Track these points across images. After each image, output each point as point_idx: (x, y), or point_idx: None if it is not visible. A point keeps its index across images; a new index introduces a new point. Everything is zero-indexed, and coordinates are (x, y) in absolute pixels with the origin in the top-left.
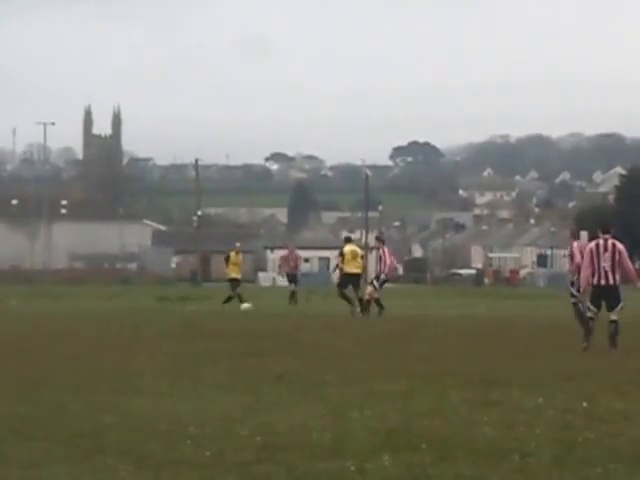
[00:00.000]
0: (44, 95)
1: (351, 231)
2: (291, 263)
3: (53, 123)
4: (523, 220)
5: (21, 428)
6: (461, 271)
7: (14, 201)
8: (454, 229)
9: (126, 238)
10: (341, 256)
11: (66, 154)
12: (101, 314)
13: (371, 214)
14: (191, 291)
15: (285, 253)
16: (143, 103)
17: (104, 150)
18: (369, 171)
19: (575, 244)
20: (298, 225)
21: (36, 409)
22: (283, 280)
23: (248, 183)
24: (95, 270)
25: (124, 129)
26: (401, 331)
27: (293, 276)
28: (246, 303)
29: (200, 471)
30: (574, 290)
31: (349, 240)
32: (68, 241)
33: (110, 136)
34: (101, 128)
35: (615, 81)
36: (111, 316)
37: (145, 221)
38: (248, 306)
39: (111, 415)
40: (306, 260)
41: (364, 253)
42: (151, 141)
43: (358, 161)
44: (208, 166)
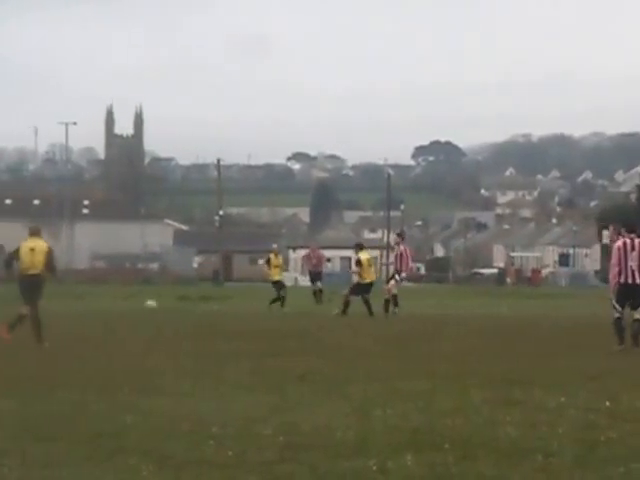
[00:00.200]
0: (66, 95)
1: (373, 230)
2: (313, 261)
3: (75, 123)
4: (545, 219)
5: (43, 428)
6: (483, 270)
7: (36, 201)
8: (476, 228)
9: (148, 238)
10: (359, 265)
11: (88, 154)
12: (122, 314)
13: (393, 213)
14: (213, 291)
15: (307, 252)
16: (165, 103)
17: (126, 150)
18: (391, 170)
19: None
20: (320, 224)
21: (58, 409)
22: (305, 279)
23: (270, 183)
24: (117, 270)
25: (146, 129)
26: (423, 331)
27: (316, 275)
28: (151, 301)
29: (222, 471)
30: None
31: (362, 247)
32: (90, 241)
33: (132, 136)
34: (123, 128)
35: (638, 80)
36: (131, 316)
37: (167, 221)
38: (153, 304)
39: (133, 415)
40: (328, 260)
41: (386, 253)
42: (173, 141)
43: (380, 160)
44: (230, 166)
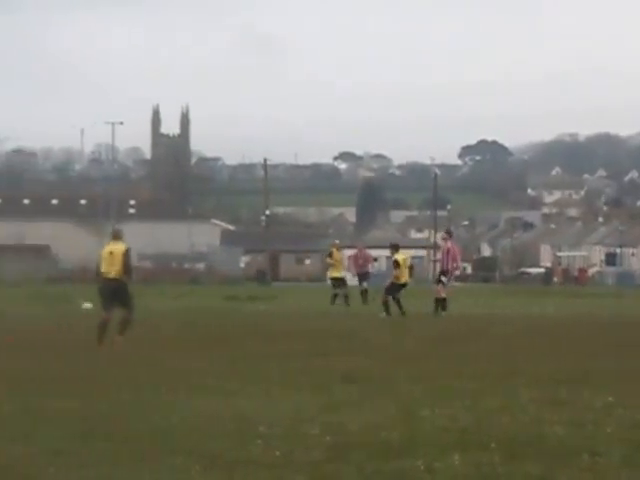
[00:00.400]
0: (113, 95)
1: (419, 230)
2: (360, 262)
3: (121, 123)
4: (592, 218)
5: (92, 428)
6: (530, 270)
7: (82, 201)
8: (523, 228)
9: (195, 238)
10: (397, 266)
11: (134, 154)
12: (170, 314)
13: (440, 213)
14: (259, 291)
15: (354, 252)
16: (211, 103)
17: (172, 150)
18: (438, 170)
19: None
20: (366, 224)
21: (106, 409)
22: (352, 279)
23: (316, 182)
24: (163, 270)
25: (192, 129)
26: (470, 330)
27: (363, 275)
28: (88, 303)
29: (270, 471)
30: None
31: (398, 248)
32: (136, 241)
33: (178, 136)
34: (169, 128)
35: None
36: (180, 316)
37: (214, 221)
38: (89, 305)
39: (181, 415)
40: (374, 259)
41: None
42: (220, 141)
43: (426, 160)
44: (276, 165)
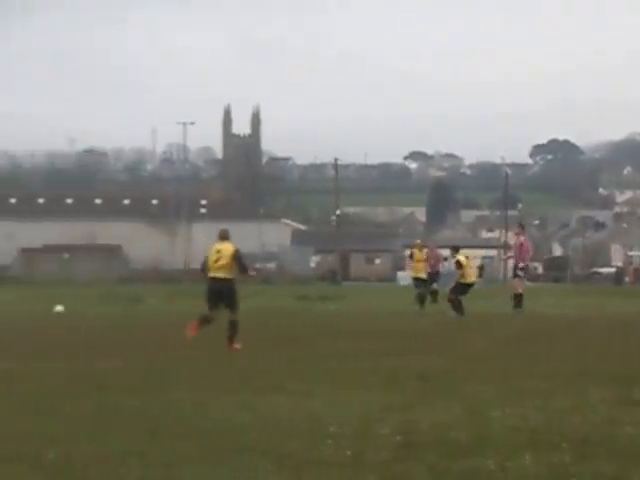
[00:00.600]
0: (184, 95)
1: (490, 230)
2: (431, 262)
3: (193, 123)
4: None
5: (162, 427)
6: (601, 269)
7: (154, 201)
8: (594, 227)
9: (265, 238)
10: (461, 267)
11: (205, 154)
12: (241, 314)
13: (510, 212)
14: (330, 290)
15: (425, 252)
16: (282, 103)
17: (243, 150)
18: (508, 169)
19: None
20: (437, 224)
21: (177, 408)
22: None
23: (387, 182)
24: None
25: (263, 129)
26: (541, 330)
27: (434, 275)
28: (59, 306)
29: (341, 470)
30: None
31: (458, 249)
32: (207, 241)
33: (249, 135)
34: (240, 128)
35: None
36: (250, 315)
37: (284, 220)
38: (61, 309)
39: (251, 414)
40: (445, 259)
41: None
42: (290, 141)
43: (497, 159)
44: (347, 165)
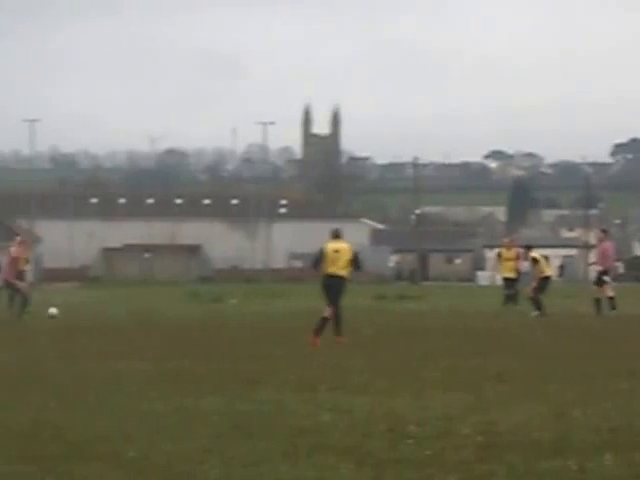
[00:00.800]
0: (264, 95)
1: (571, 229)
2: (521, 261)
3: (273, 123)
4: None
5: (243, 426)
6: None
7: (234, 201)
8: None
9: (344, 237)
10: (537, 263)
11: (285, 154)
12: (319, 313)
13: (591, 212)
14: (409, 290)
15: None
16: (362, 102)
17: (323, 149)
18: (589, 168)
19: None
20: (517, 223)
21: (257, 407)
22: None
23: (466, 181)
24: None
25: (343, 128)
26: (623, 329)
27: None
28: (54, 308)
29: (421, 470)
30: None
31: (530, 247)
32: (287, 240)
33: (329, 135)
34: (320, 127)
35: None
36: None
37: (363, 220)
38: (54, 311)
39: (331, 413)
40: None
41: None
42: (370, 140)
43: (578, 158)
44: (426, 164)
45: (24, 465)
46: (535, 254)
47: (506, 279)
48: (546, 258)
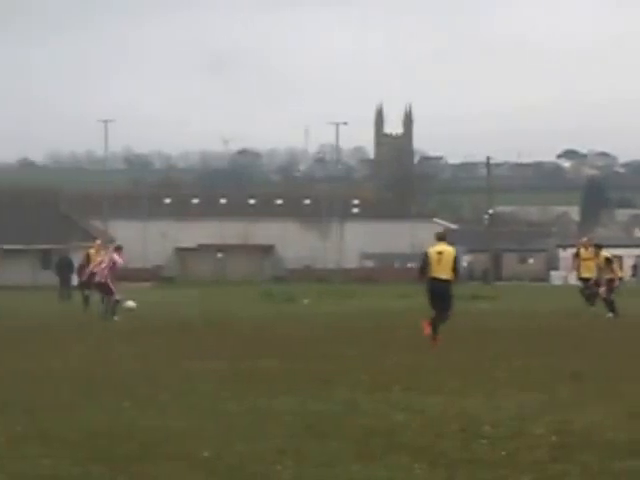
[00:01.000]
0: (337, 95)
1: None
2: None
3: (345, 123)
4: None
5: (316, 426)
6: None
7: (307, 201)
8: None
9: (417, 237)
10: (610, 262)
11: (358, 153)
12: (392, 313)
13: None
14: (482, 290)
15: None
16: (434, 101)
17: (395, 149)
18: None
19: None
20: (591, 223)
21: (330, 407)
22: (575, 278)
23: (539, 181)
24: (386, 269)
25: (415, 128)
26: None
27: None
28: (131, 301)
29: (494, 470)
30: None
31: (601, 246)
32: (360, 240)
33: (401, 135)
34: (393, 127)
35: None
36: (402, 316)
37: (436, 220)
38: (132, 304)
39: (404, 413)
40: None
41: None
42: (442, 139)
43: None
44: (499, 164)
45: (97, 465)
46: (607, 254)
47: (584, 279)
48: (619, 258)
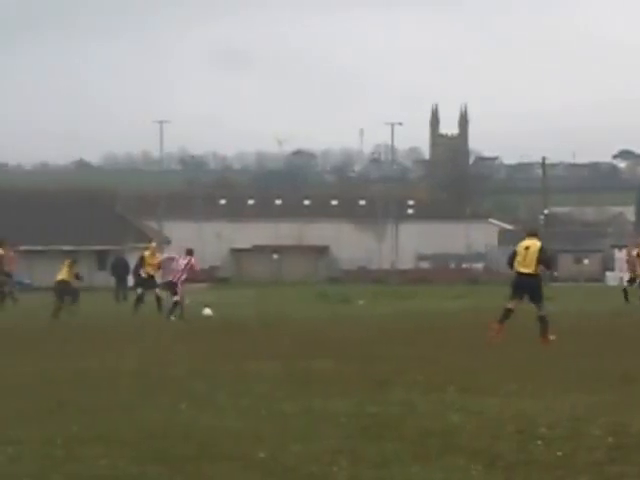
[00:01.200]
0: (392, 96)
1: None
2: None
3: (400, 123)
4: None
5: (372, 427)
6: None
7: (362, 202)
8: None
9: (472, 238)
10: None
11: (413, 154)
12: (448, 314)
13: None
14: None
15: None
16: (490, 101)
17: (451, 149)
18: None
19: None
20: None
21: (386, 408)
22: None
23: (595, 181)
24: (441, 270)
25: (471, 128)
26: None
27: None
28: (208, 308)
29: (551, 472)
30: None
31: None
32: (414, 241)
33: (457, 135)
34: (448, 127)
35: None
36: (458, 316)
37: (491, 220)
38: (209, 312)
39: (460, 414)
40: None
41: None
42: (498, 140)
43: None
44: (555, 164)
45: (154, 465)
46: None
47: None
48: None
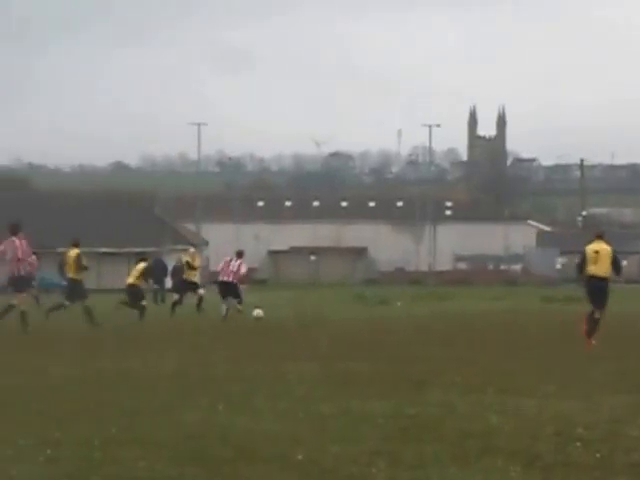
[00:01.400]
0: (430, 97)
1: None
2: None
3: (438, 125)
4: None
5: (410, 429)
6: None
7: (399, 203)
8: None
9: (510, 239)
10: None
11: (451, 155)
12: (486, 315)
13: None
14: (576, 292)
15: None
16: (528, 103)
17: (488, 151)
18: None
19: None
20: None
21: (424, 409)
22: None
23: (634, 183)
24: (479, 271)
25: (509, 129)
26: None
27: None
28: (259, 310)
29: (590, 473)
30: None
31: None
32: (452, 242)
33: (494, 137)
34: (486, 129)
35: None
36: (496, 317)
37: (529, 222)
38: (260, 312)
39: (499, 416)
40: None
41: None
42: (536, 141)
43: None
44: (593, 166)
45: (192, 467)
46: None
47: None
48: None
